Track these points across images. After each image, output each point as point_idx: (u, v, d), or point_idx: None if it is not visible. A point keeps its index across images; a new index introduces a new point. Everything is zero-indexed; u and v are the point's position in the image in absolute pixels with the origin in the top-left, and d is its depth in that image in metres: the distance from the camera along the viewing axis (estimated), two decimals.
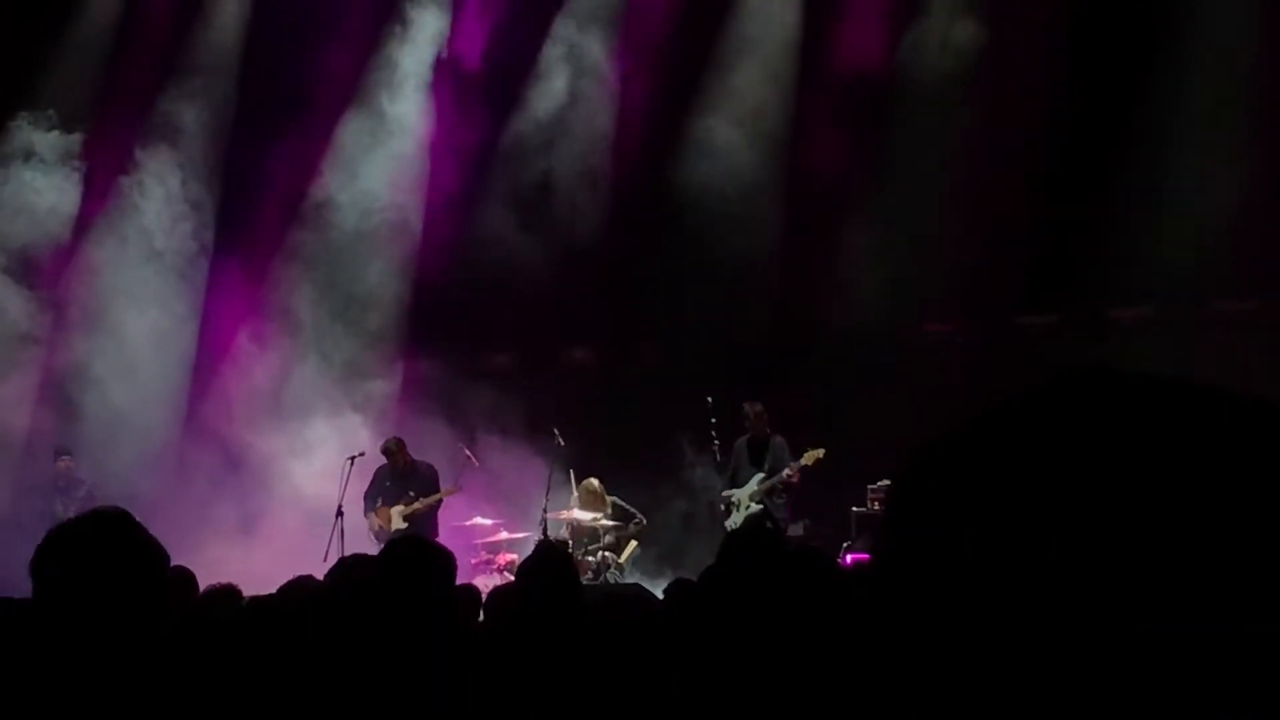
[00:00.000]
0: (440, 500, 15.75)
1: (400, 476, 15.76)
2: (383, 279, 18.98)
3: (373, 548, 13.63)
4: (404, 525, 15.44)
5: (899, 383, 16.52)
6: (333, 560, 12.98)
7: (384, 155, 19.03)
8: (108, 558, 3.29)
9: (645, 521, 16.07)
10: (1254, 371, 14.28)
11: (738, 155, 18.03)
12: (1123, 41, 16.77)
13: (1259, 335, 15.90)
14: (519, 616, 5.40)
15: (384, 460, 15.83)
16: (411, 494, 15.65)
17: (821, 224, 17.71)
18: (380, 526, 15.56)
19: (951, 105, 17.28)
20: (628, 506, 16.03)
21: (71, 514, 16.04)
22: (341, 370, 18.32)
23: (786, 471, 15.11)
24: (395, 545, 4.57)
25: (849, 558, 15.02)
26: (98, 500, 16.83)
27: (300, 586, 4.51)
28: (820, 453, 14.99)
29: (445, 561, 4.30)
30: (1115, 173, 16.61)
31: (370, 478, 15.83)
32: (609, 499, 15.94)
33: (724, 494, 15.53)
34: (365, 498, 15.79)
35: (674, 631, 4.99)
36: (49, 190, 18.46)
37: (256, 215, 18.81)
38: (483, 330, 18.23)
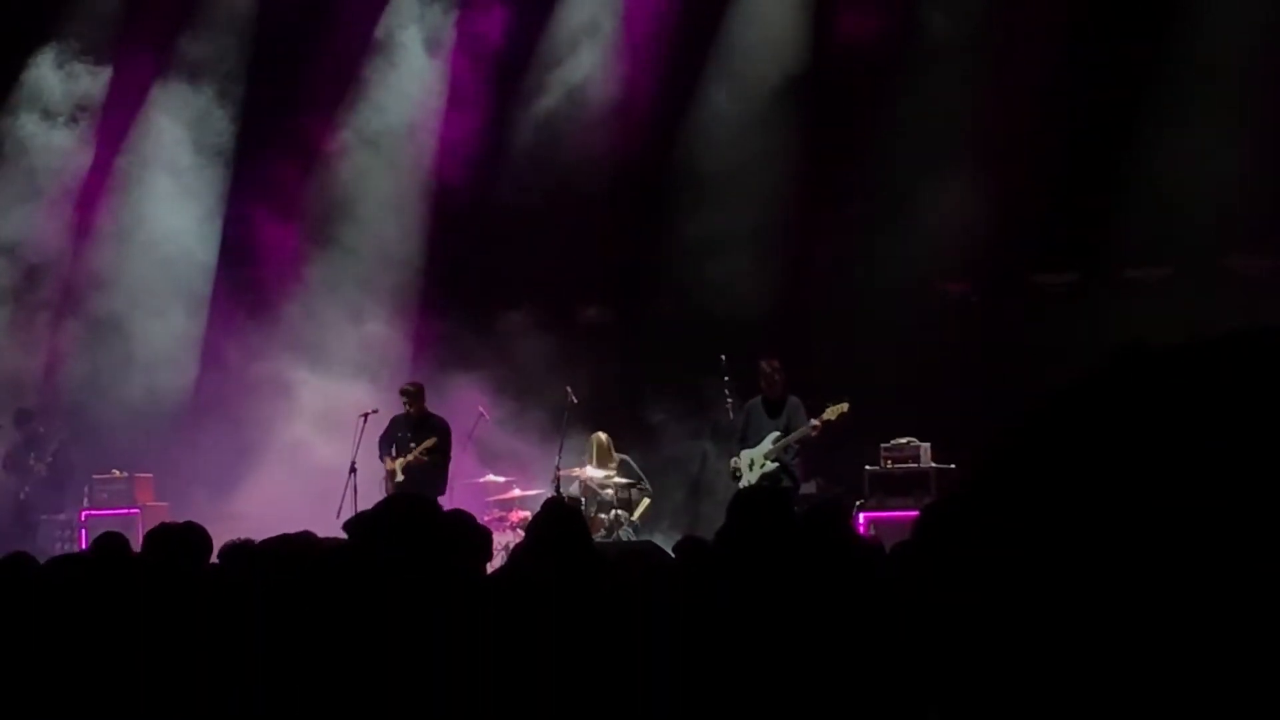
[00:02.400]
0: (439, 451, 15.60)
1: (413, 426, 15.67)
2: (398, 234, 18.93)
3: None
4: (402, 478, 15.35)
5: (914, 342, 16.47)
6: (345, 517, 13.09)
7: (401, 106, 18.96)
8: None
9: (650, 489, 16.02)
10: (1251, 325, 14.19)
11: (754, 115, 17.92)
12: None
13: (1278, 292, 15.81)
14: (529, 572, 5.39)
15: (402, 407, 15.75)
16: (413, 446, 15.58)
17: (838, 183, 17.62)
18: (390, 476, 15.51)
19: (966, 64, 17.16)
20: (636, 469, 16.00)
21: (45, 465, 16.38)
22: (356, 326, 18.30)
23: (813, 422, 15.00)
24: (389, 505, 4.55)
25: (862, 516, 15.01)
26: (72, 455, 16.99)
27: (293, 542, 4.49)
28: (844, 407, 14.87)
29: (424, 519, 4.27)
30: (1132, 131, 16.52)
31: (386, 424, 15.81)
32: (618, 456, 15.91)
33: (733, 459, 15.41)
34: (380, 443, 15.74)
35: (685, 587, 4.98)
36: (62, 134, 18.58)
37: (274, 164, 18.74)
38: (498, 287, 18.19)
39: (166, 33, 19.01)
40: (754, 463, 15.22)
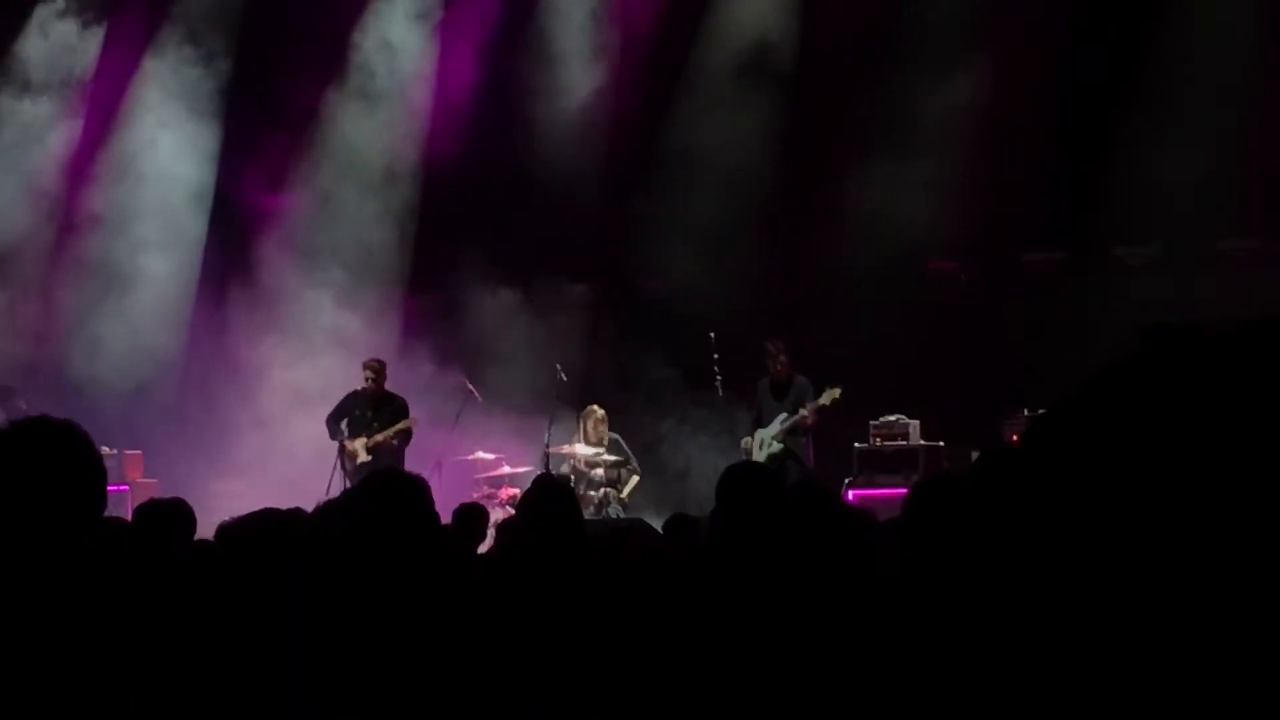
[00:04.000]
0: (406, 432, 15.53)
1: (373, 404, 15.52)
2: (386, 211, 18.91)
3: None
4: (368, 459, 15.26)
5: (903, 320, 16.49)
6: (334, 494, 13.07)
7: (391, 75, 18.93)
8: (54, 463, 3.23)
9: (638, 468, 16.01)
10: (1261, 310, 14.22)
11: (744, 92, 17.90)
12: None
13: (1265, 273, 15.84)
14: (520, 548, 5.39)
15: (363, 382, 15.57)
16: (375, 425, 15.47)
17: (827, 162, 17.60)
18: (350, 457, 15.35)
19: (958, 43, 17.15)
20: (625, 447, 16.00)
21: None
22: (343, 302, 18.27)
23: (803, 411, 15.02)
24: (370, 480, 4.53)
25: (850, 494, 15.04)
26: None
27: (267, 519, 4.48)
28: (837, 392, 14.88)
29: (417, 492, 4.27)
30: (1121, 110, 16.52)
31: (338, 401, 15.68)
32: (608, 434, 15.91)
33: (745, 439, 15.43)
34: (330, 418, 15.53)
35: (674, 563, 4.98)
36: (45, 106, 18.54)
37: (263, 137, 18.68)
38: (487, 264, 18.14)
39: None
40: (763, 443, 15.24)
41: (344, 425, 15.43)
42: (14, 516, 3.16)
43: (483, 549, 9.31)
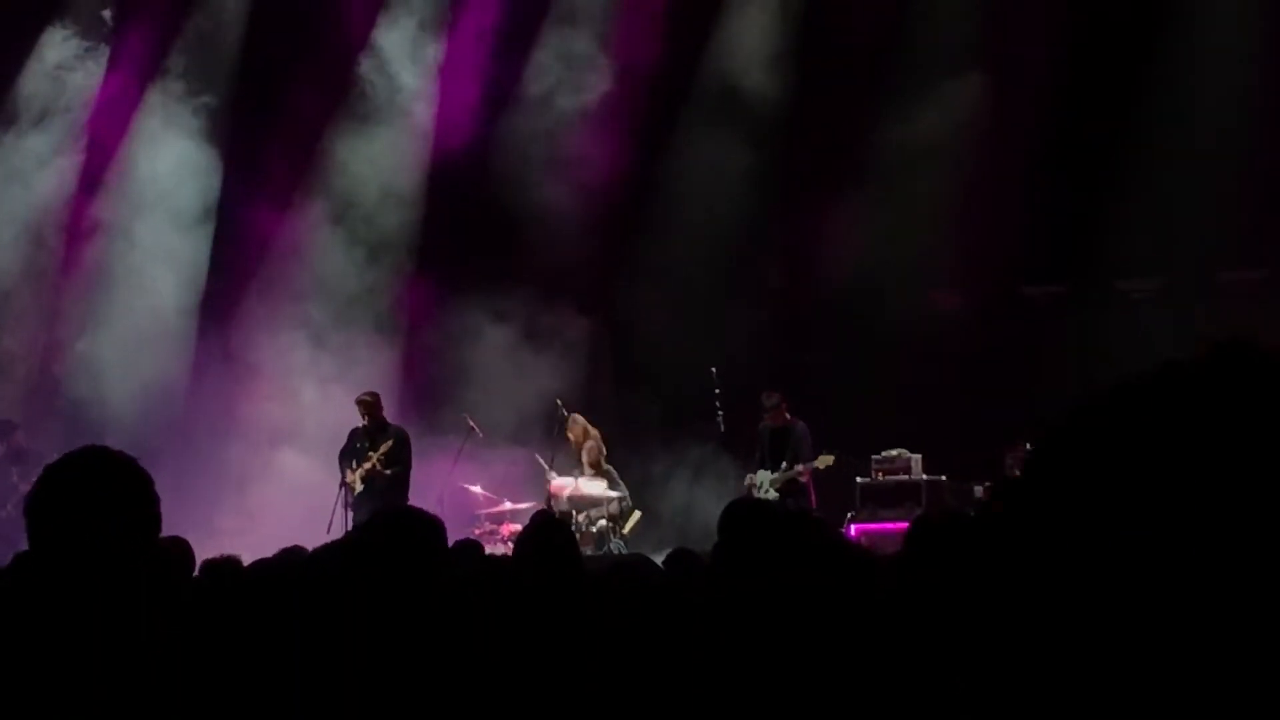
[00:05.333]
0: (398, 458, 15.25)
1: (371, 437, 15.41)
2: (387, 244, 18.93)
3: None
4: (361, 488, 15.18)
5: (904, 353, 16.47)
6: (336, 532, 13.05)
7: (389, 115, 19.00)
8: (109, 492, 3.22)
9: (630, 502, 15.92)
10: (1262, 342, 14.19)
11: (740, 126, 17.92)
12: (1133, 7, 16.66)
13: (1267, 305, 15.83)
14: (517, 587, 5.36)
15: (359, 418, 15.49)
16: (371, 456, 15.38)
17: (827, 192, 17.61)
18: (350, 489, 15.26)
19: (958, 75, 17.19)
20: (617, 479, 15.93)
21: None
22: (344, 340, 18.26)
23: (799, 468, 15.04)
24: (370, 525, 4.49)
25: (853, 528, 14.99)
26: None
27: (290, 559, 4.47)
28: (830, 459, 14.90)
29: (428, 534, 4.23)
30: (1122, 142, 16.53)
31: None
32: (605, 466, 15.83)
33: (748, 476, 15.44)
34: (340, 458, 15.50)
35: (676, 599, 4.95)
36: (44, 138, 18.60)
37: (268, 165, 18.71)
38: (487, 300, 18.14)
39: (161, 26, 19.05)
40: (763, 485, 15.26)
41: (353, 462, 15.40)
42: (73, 544, 3.16)
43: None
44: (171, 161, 18.74)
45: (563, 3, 18.72)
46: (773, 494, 15.11)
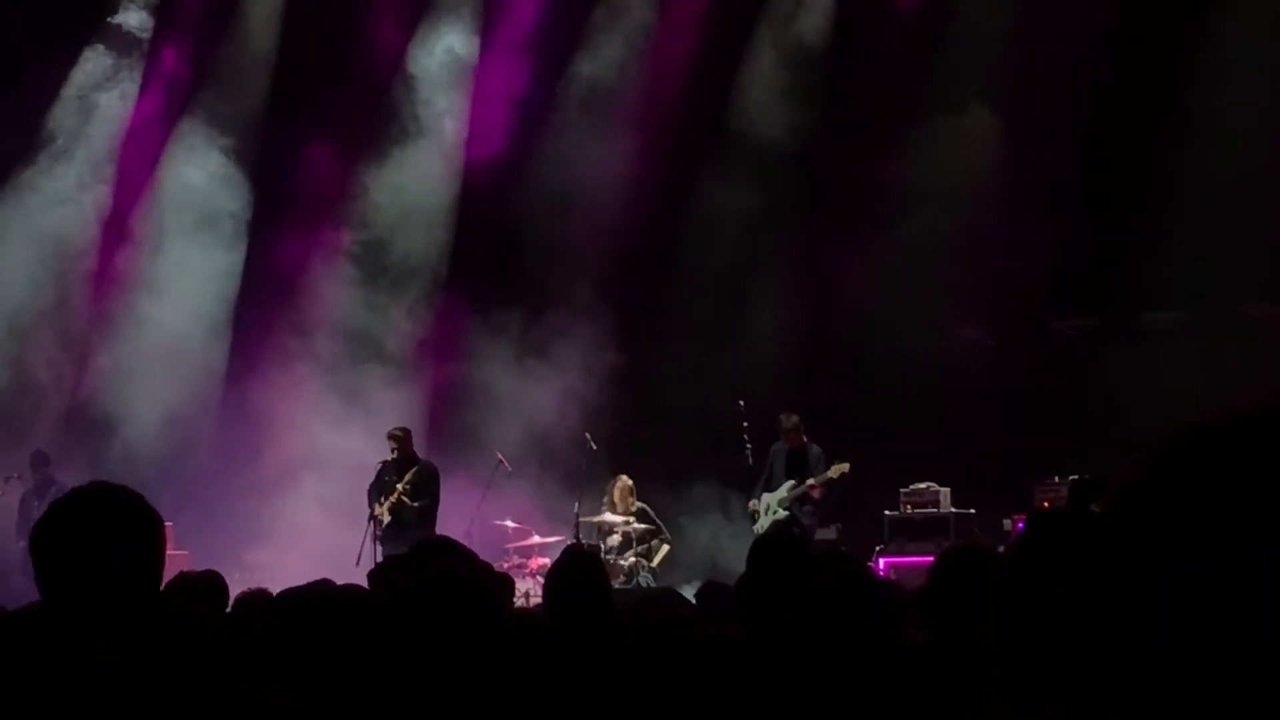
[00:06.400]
0: (425, 489, 15.24)
1: (398, 471, 15.41)
2: (418, 278, 19.02)
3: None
4: (389, 518, 15.21)
5: (932, 387, 16.45)
6: (365, 564, 13.08)
7: (422, 145, 19.12)
8: (112, 527, 3.25)
9: (669, 536, 15.99)
10: None
11: (769, 160, 17.97)
12: (1158, 43, 16.67)
13: None
14: (548, 621, 5.40)
15: (389, 452, 15.53)
16: (399, 487, 15.40)
17: (856, 227, 17.63)
18: (378, 522, 15.27)
19: (983, 111, 17.23)
20: (654, 516, 15.96)
21: None
22: (372, 371, 18.32)
23: (810, 482, 15.04)
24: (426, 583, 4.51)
25: (881, 561, 14.98)
26: None
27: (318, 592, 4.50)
28: (845, 467, 14.90)
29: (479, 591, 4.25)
30: (1150, 176, 16.53)
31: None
32: (636, 503, 15.89)
33: (753, 500, 15.48)
34: (370, 492, 15.49)
35: (706, 634, 4.98)
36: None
37: (299, 198, 18.83)
38: (519, 335, 18.19)
39: (194, 48, 19.24)
40: (770, 507, 15.26)
41: (381, 496, 15.43)
42: (76, 579, 3.19)
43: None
44: (201, 189, 18.83)
45: (588, 43, 18.83)
46: (781, 513, 15.12)
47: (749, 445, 15.69)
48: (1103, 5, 16.80)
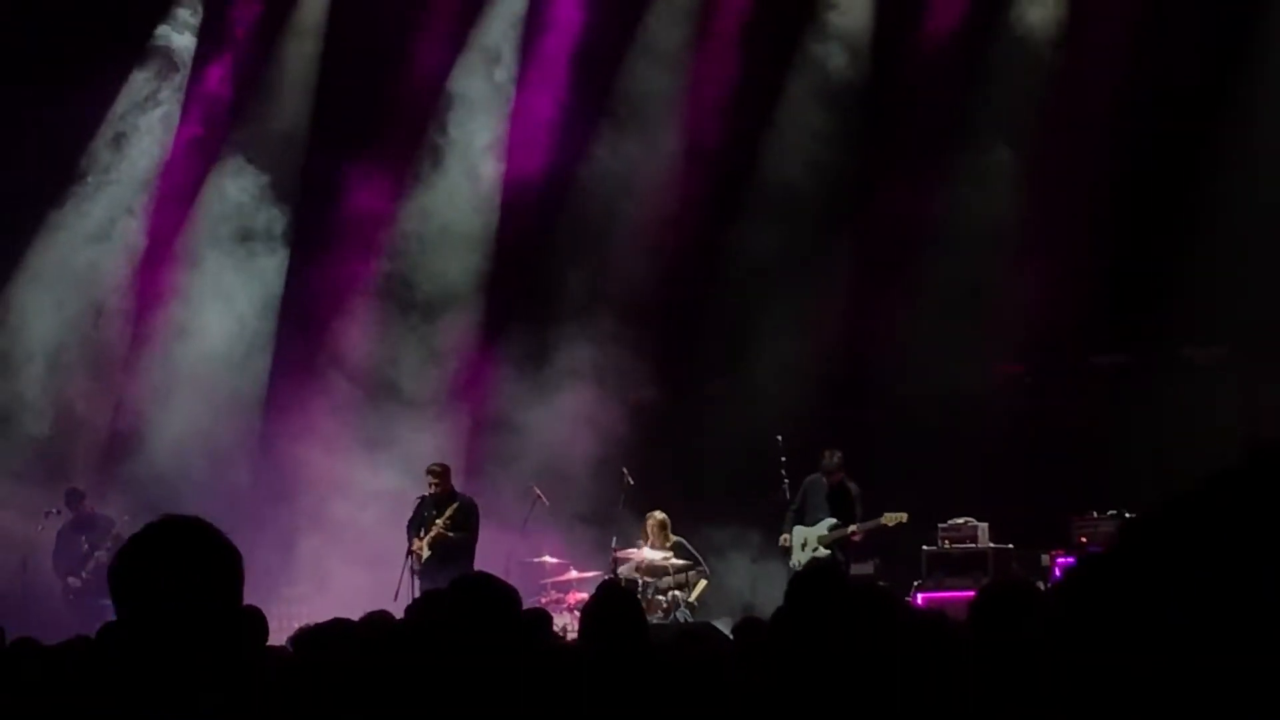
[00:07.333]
0: (463, 523, 15.27)
1: (437, 506, 15.49)
2: (454, 316, 19.07)
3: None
4: (429, 553, 15.23)
5: (971, 422, 16.41)
6: (403, 600, 13.10)
7: (459, 182, 19.21)
8: (193, 563, 3.28)
9: (708, 571, 15.95)
10: None
11: (806, 198, 17.98)
12: (1199, 71, 16.59)
13: None
14: (583, 657, 5.40)
15: (428, 488, 15.58)
16: (438, 522, 15.45)
17: (893, 263, 17.62)
18: (416, 556, 15.30)
19: (1019, 146, 17.22)
20: (692, 550, 15.93)
21: (104, 550, 15.70)
22: (411, 407, 18.37)
23: (853, 528, 15.03)
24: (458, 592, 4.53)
25: (919, 597, 14.91)
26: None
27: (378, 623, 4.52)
28: (903, 516, 14.87)
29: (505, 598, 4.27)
30: (1188, 209, 16.47)
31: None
32: (673, 538, 15.87)
33: (785, 532, 15.42)
34: (408, 527, 15.50)
35: (744, 670, 4.97)
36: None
37: (337, 234, 18.92)
38: (554, 370, 18.23)
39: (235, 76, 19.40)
40: (806, 542, 15.20)
41: (421, 531, 15.45)
42: (161, 613, 3.21)
43: None
44: (241, 212, 18.93)
45: (629, 84, 18.88)
46: (822, 551, 15.08)
47: (786, 480, 15.65)
48: (1140, 34, 16.76)
